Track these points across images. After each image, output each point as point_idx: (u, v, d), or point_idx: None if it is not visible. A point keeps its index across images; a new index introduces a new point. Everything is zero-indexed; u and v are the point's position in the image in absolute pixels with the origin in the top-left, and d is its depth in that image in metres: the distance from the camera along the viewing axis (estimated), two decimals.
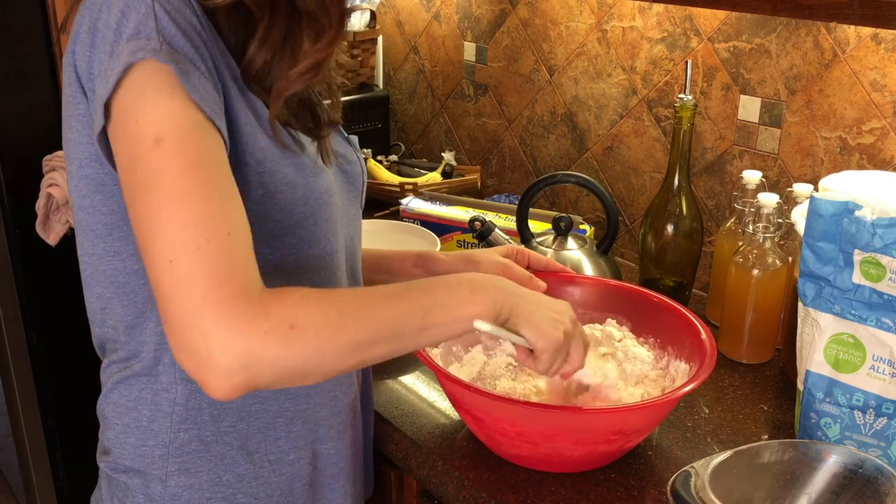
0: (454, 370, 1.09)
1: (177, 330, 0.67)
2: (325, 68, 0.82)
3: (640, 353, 1.09)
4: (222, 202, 0.70)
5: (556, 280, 1.17)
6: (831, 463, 0.88)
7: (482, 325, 0.80)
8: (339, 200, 0.91)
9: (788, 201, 1.25)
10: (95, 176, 0.80)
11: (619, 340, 1.10)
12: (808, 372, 1.01)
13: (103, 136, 0.75)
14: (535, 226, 1.48)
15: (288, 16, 0.79)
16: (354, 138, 1.01)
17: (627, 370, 1.07)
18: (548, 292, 1.14)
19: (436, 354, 1.08)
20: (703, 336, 1.03)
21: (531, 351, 0.87)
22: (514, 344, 0.87)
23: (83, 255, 0.87)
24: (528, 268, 1.15)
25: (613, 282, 1.20)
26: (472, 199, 1.70)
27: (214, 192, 0.70)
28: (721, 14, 1.42)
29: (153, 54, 0.71)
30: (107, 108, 0.72)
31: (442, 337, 0.80)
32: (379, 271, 1.13)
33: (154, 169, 0.69)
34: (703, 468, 0.84)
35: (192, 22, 0.75)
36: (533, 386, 1.06)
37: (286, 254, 0.85)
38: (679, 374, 1.06)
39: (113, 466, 0.90)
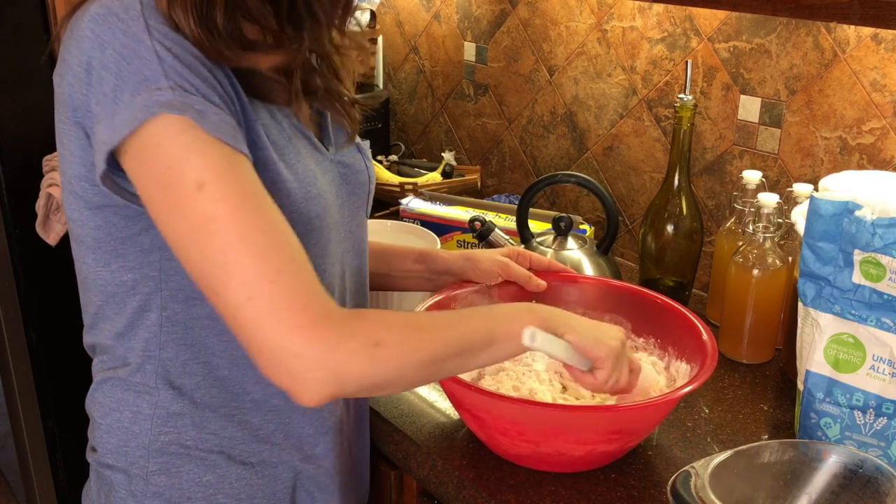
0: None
1: (269, 357, 0.71)
2: None
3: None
4: (278, 230, 0.72)
5: (556, 279, 1.17)
6: (831, 463, 0.88)
7: (532, 333, 0.83)
8: (336, 216, 0.91)
9: (788, 201, 1.25)
10: (84, 194, 0.80)
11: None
12: (808, 372, 1.01)
13: (107, 176, 0.75)
14: (535, 226, 1.48)
15: None
16: (366, 144, 1.00)
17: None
18: (548, 292, 1.14)
19: None
20: (705, 337, 1.03)
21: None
22: (564, 364, 0.91)
23: (76, 261, 0.88)
24: (529, 269, 1.15)
25: (615, 282, 1.20)
26: (472, 199, 1.70)
27: (268, 222, 0.72)
28: (721, 14, 1.42)
29: (168, 108, 0.70)
30: (115, 152, 0.72)
31: (506, 352, 0.85)
32: (379, 265, 1.13)
33: (206, 215, 0.70)
34: (703, 468, 0.84)
35: (193, 51, 0.74)
36: (528, 389, 1.06)
37: None
38: (680, 375, 1.06)
39: (99, 462, 0.91)
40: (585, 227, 1.55)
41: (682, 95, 1.30)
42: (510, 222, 1.54)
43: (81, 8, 0.77)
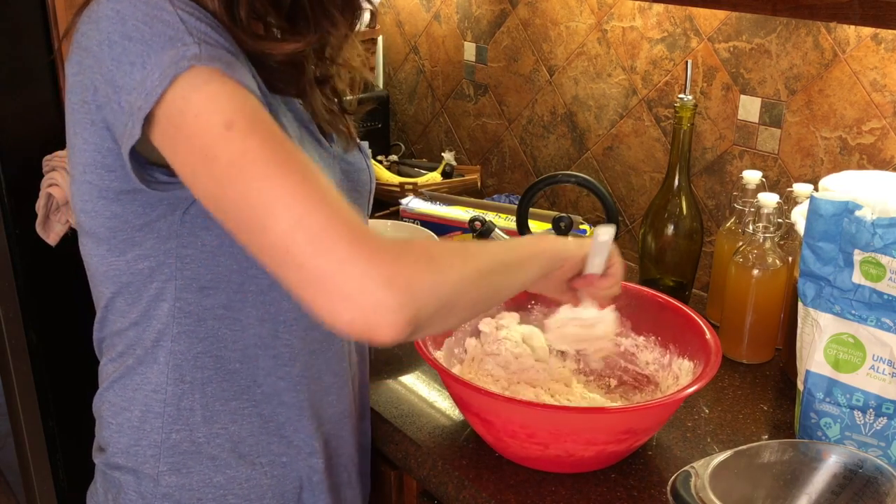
0: (456, 372, 1.09)
1: (331, 285, 0.65)
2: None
3: None
4: (309, 167, 0.70)
5: None
6: (831, 463, 0.88)
7: (608, 230, 0.97)
8: None
9: (788, 201, 1.25)
10: (99, 182, 0.80)
11: None
12: (808, 372, 1.01)
13: (133, 159, 0.74)
14: (535, 226, 1.48)
15: None
16: (365, 144, 1.00)
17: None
18: None
19: (439, 357, 1.08)
20: (708, 336, 1.03)
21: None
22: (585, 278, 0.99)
23: (86, 256, 0.87)
24: None
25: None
26: (472, 199, 1.70)
27: (299, 160, 0.70)
28: (721, 14, 1.42)
29: (195, 60, 0.70)
30: (148, 119, 0.71)
31: (547, 264, 0.90)
32: None
33: (238, 150, 0.68)
34: (703, 468, 0.84)
35: (210, 20, 0.74)
36: (524, 386, 1.06)
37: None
38: (683, 372, 1.06)
39: (107, 463, 0.91)
40: (585, 227, 1.55)
41: (682, 95, 1.30)
42: (510, 222, 1.54)
43: None
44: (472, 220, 1.44)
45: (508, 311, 1.16)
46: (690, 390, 0.94)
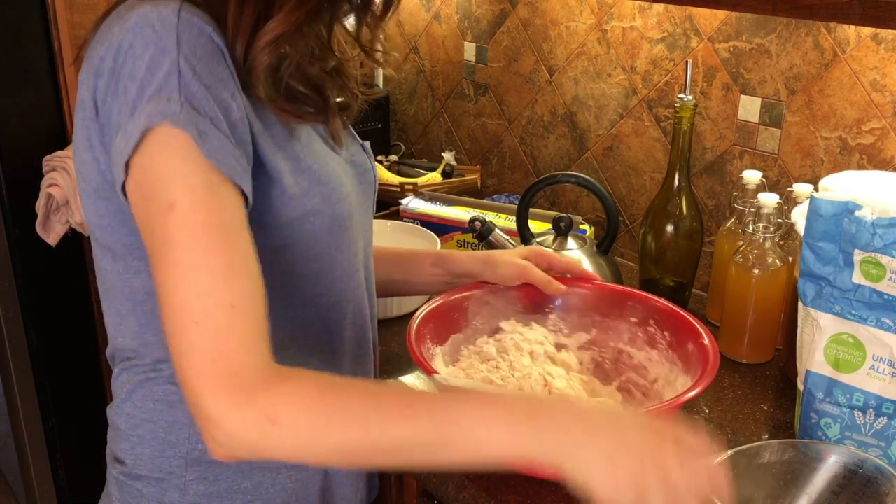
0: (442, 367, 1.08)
1: (184, 391, 0.70)
2: (283, 42, 0.80)
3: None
4: (229, 270, 0.71)
5: (572, 283, 1.14)
6: (831, 463, 0.88)
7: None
8: (357, 215, 0.91)
9: (788, 201, 1.25)
10: (116, 199, 0.79)
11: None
12: (808, 372, 1.01)
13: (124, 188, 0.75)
14: (535, 226, 1.48)
15: None
16: (367, 144, 1.00)
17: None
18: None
19: (439, 352, 1.08)
20: (706, 341, 1.02)
21: None
22: None
23: (100, 270, 0.86)
24: (548, 270, 1.13)
25: (631, 291, 1.16)
26: (472, 199, 1.70)
27: (222, 260, 0.71)
28: (721, 14, 1.42)
29: (171, 119, 0.70)
30: (126, 164, 0.73)
31: (459, 465, 0.71)
32: (396, 271, 1.13)
33: (165, 236, 0.71)
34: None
35: (218, 72, 0.74)
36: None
37: (307, 281, 0.86)
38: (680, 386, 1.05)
39: (127, 474, 0.89)
40: (585, 227, 1.55)
41: (682, 95, 1.30)
42: (510, 222, 1.54)
43: (117, 11, 0.77)
44: (472, 220, 1.44)
45: (534, 323, 1.14)
46: (686, 398, 0.92)
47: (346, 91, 0.92)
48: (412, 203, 1.67)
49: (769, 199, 1.19)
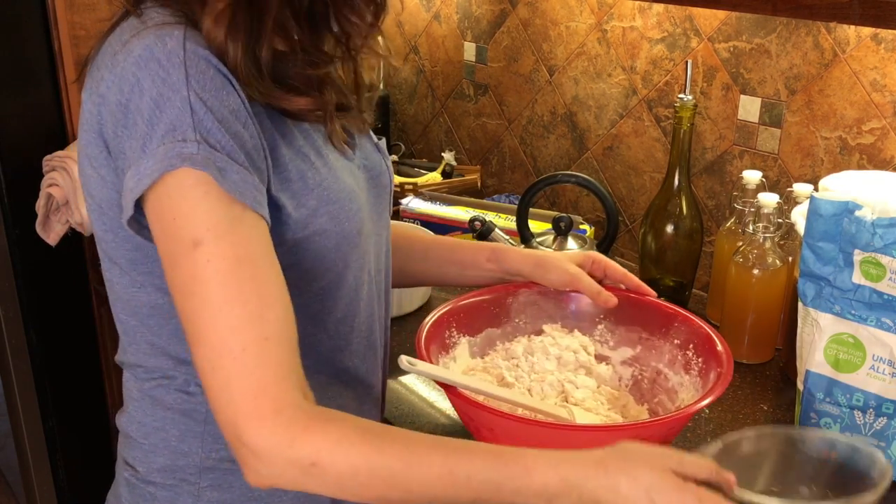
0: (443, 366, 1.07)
1: (222, 426, 0.70)
2: (291, 25, 0.79)
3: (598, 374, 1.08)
4: (261, 302, 0.71)
5: (623, 295, 1.09)
6: (808, 447, 0.87)
7: None
8: (368, 226, 0.90)
9: (788, 201, 1.25)
10: (120, 219, 0.79)
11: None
12: (808, 372, 1.01)
13: (133, 220, 0.74)
14: (535, 226, 1.48)
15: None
16: (382, 143, 0.99)
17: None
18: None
19: (465, 343, 1.08)
20: (720, 348, 1.00)
21: None
22: None
23: (108, 281, 0.86)
24: (602, 279, 1.09)
25: (674, 308, 1.10)
26: (472, 199, 1.70)
27: (253, 293, 0.71)
28: (721, 14, 1.42)
29: (189, 162, 0.69)
30: (139, 200, 0.72)
31: None
32: (451, 263, 1.12)
33: (193, 274, 0.70)
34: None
35: (229, 103, 0.73)
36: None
37: (313, 299, 0.85)
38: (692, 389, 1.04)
39: (141, 479, 0.89)
40: (585, 227, 1.55)
41: (682, 95, 1.30)
42: (510, 222, 1.54)
43: (119, 32, 0.76)
44: (472, 220, 1.44)
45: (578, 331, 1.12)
46: (697, 406, 0.91)
47: (344, 93, 0.90)
48: (412, 203, 1.67)
49: (769, 199, 1.19)
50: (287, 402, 0.69)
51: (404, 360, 0.88)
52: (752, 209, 1.24)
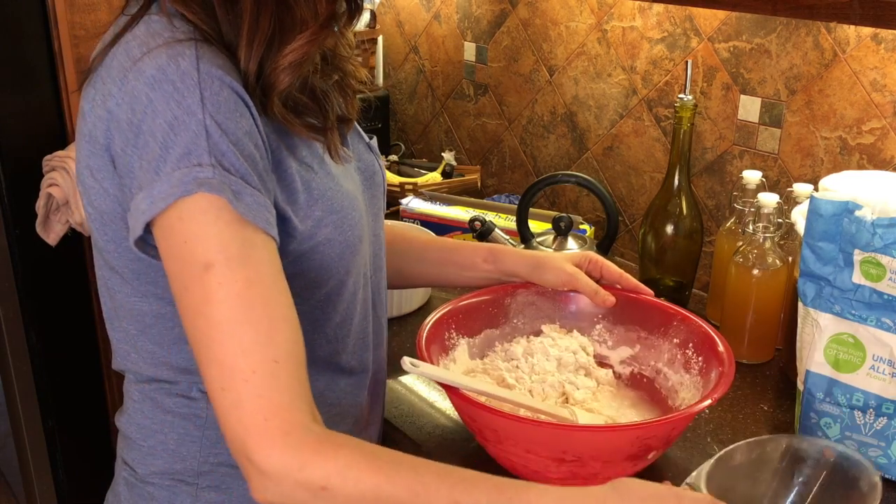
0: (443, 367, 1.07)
1: (230, 444, 0.70)
2: (307, 63, 0.80)
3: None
4: (271, 325, 0.71)
5: (620, 295, 1.10)
6: (797, 456, 0.88)
7: None
8: (367, 230, 0.90)
9: (788, 201, 1.25)
10: (122, 231, 0.79)
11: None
12: (808, 372, 1.01)
13: (140, 239, 0.74)
14: (535, 226, 1.48)
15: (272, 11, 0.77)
16: (374, 142, 0.99)
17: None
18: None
19: (464, 343, 1.08)
20: (721, 348, 1.00)
21: None
22: None
23: (108, 289, 0.85)
24: (599, 279, 1.10)
25: (674, 308, 1.11)
26: (472, 199, 1.70)
27: (264, 315, 0.71)
28: (721, 14, 1.42)
29: (204, 187, 0.69)
30: (149, 222, 0.72)
31: None
32: (448, 264, 1.12)
33: (204, 296, 0.70)
34: (698, 478, 0.83)
35: (243, 124, 0.73)
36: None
37: (315, 306, 0.85)
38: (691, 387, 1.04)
39: (141, 479, 0.89)
40: (585, 227, 1.55)
41: (682, 95, 1.30)
42: (510, 222, 1.54)
43: (124, 44, 0.75)
44: (472, 220, 1.44)
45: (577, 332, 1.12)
46: (698, 407, 0.91)
47: (348, 103, 0.91)
48: (412, 203, 1.67)
49: (769, 199, 1.19)
50: (296, 425, 0.69)
51: (407, 361, 0.88)
52: (752, 209, 1.24)
